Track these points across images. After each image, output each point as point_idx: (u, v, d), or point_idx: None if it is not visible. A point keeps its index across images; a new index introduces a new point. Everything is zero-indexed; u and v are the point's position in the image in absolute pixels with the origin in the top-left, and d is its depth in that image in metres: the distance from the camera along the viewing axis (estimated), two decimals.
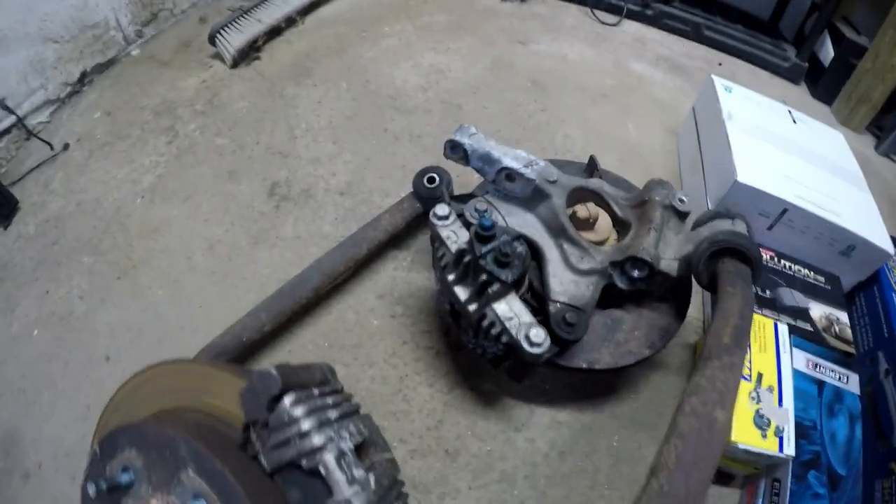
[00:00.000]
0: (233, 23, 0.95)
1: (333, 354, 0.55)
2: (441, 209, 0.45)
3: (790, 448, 0.48)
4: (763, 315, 0.57)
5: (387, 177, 0.71)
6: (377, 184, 0.70)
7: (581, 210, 0.47)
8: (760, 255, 0.45)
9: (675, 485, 0.25)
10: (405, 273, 0.61)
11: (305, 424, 0.29)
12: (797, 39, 1.22)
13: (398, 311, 0.57)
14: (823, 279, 0.66)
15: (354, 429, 0.32)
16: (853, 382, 0.56)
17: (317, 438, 0.28)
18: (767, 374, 0.51)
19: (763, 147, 0.70)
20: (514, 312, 0.40)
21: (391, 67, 0.89)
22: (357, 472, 0.29)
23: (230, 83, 0.88)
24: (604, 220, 0.49)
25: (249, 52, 0.93)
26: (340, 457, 0.29)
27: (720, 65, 1.09)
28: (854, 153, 0.88)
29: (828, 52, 1.13)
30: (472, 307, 0.41)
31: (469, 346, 0.46)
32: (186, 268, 0.62)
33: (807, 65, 1.13)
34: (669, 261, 0.46)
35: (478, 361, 0.53)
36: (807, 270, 0.66)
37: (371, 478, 0.30)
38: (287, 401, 0.29)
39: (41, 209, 0.72)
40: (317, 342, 0.55)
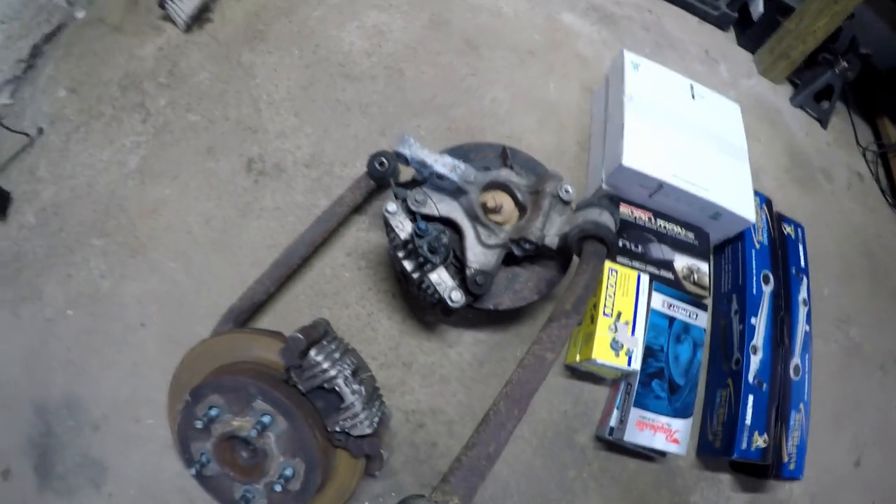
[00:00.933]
0: None
1: (319, 301, 0.81)
2: (391, 206, 0.69)
3: (636, 364, 0.79)
4: (633, 267, 0.86)
5: (343, 148, 0.92)
6: (336, 155, 0.91)
7: (489, 200, 0.73)
8: (615, 239, 0.72)
9: (514, 391, 0.53)
10: (366, 234, 0.86)
11: (325, 364, 0.56)
12: None
13: (363, 265, 0.84)
14: (693, 235, 0.94)
15: (349, 361, 0.60)
16: (702, 318, 0.87)
17: (331, 371, 0.56)
18: (626, 313, 0.81)
19: (655, 127, 0.92)
20: (442, 279, 0.67)
21: (338, 29, 1.05)
22: (355, 387, 0.57)
23: (187, 51, 1.02)
24: (507, 205, 0.74)
25: (201, 15, 1.06)
26: (345, 380, 0.57)
27: (649, 11, 1.28)
28: (768, 104, 1.13)
29: (758, 7, 1.33)
30: (416, 275, 0.68)
31: (414, 294, 0.74)
32: (190, 242, 0.84)
33: (736, 14, 1.34)
34: (552, 237, 0.73)
35: (421, 303, 0.81)
36: (679, 228, 0.93)
37: (363, 388, 0.59)
38: (312, 352, 0.56)
39: (35, 198, 0.86)
40: (306, 293, 0.81)
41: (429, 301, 0.71)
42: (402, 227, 0.68)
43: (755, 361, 0.87)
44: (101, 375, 0.76)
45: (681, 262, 0.91)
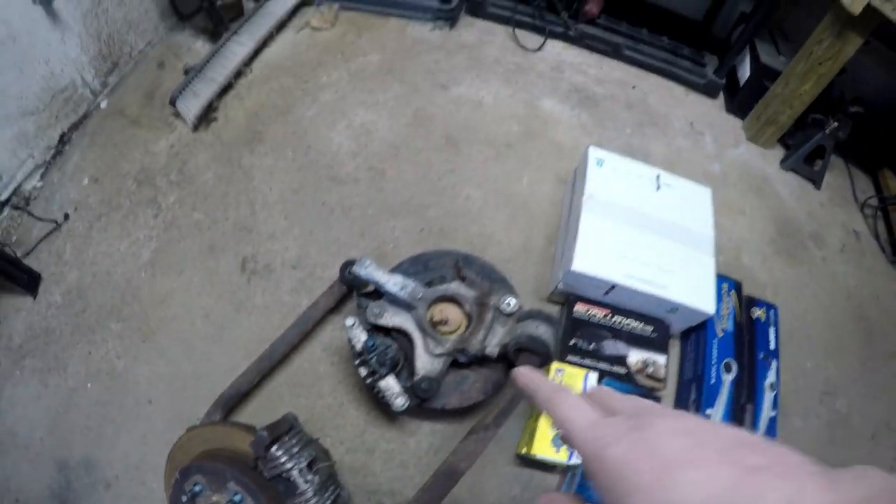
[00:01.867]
0: (188, 86, 1.40)
1: (297, 391, 1.10)
2: (349, 320, 0.97)
3: (578, 459, 1.02)
4: (583, 365, 1.08)
5: (325, 250, 1.21)
6: (319, 258, 1.20)
7: (437, 314, 1.00)
8: (548, 352, 0.96)
9: (422, 498, 0.79)
10: (339, 332, 1.14)
11: (283, 458, 0.84)
12: (723, 48, 1.60)
13: (336, 360, 1.12)
14: (651, 328, 1.14)
15: (307, 454, 0.88)
16: None
17: (288, 464, 0.84)
18: None
19: (612, 226, 1.12)
20: (390, 386, 0.95)
21: (328, 129, 1.36)
22: (309, 477, 0.85)
23: (195, 149, 1.35)
24: (454, 317, 1.01)
25: (207, 115, 1.39)
26: (300, 471, 0.85)
27: (634, 87, 1.53)
28: (756, 172, 1.29)
29: (746, 71, 1.54)
30: (368, 381, 0.96)
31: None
32: (193, 332, 1.15)
33: (723, 81, 1.55)
34: (493, 347, 0.98)
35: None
36: (636, 322, 1.14)
37: (317, 478, 0.86)
38: (274, 448, 0.85)
39: (61, 280, 1.20)
40: (287, 383, 1.10)
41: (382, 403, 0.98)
42: (358, 339, 0.97)
43: None
44: (115, 441, 1.06)
45: (636, 356, 1.14)
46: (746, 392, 1.14)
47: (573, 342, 1.11)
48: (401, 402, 0.93)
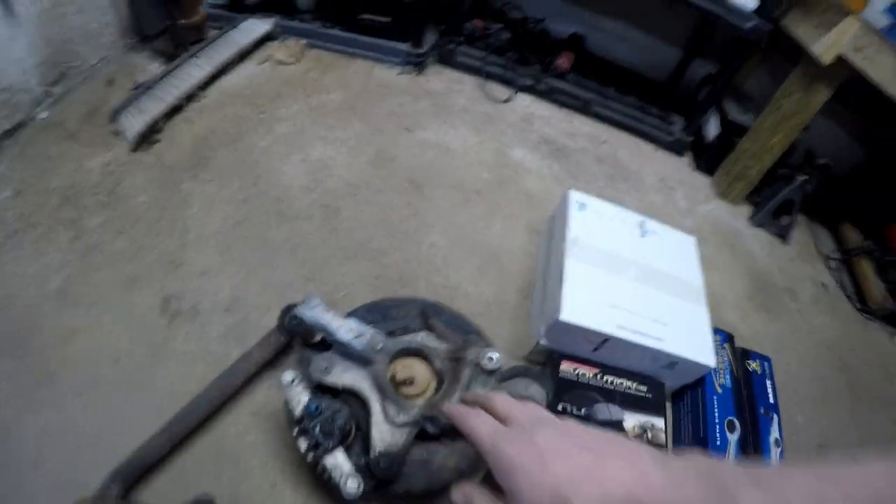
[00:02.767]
0: (134, 102, 1.11)
1: (220, 464, 0.78)
2: (287, 376, 0.68)
3: None
4: None
5: (264, 294, 0.93)
6: (256, 301, 0.92)
7: (400, 372, 0.72)
8: None
9: None
10: (276, 392, 0.84)
11: None
12: (688, 108, 1.48)
13: (269, 427, 0.81)
14: (646, 388, 0.91)
15: None
16: None
17: None
18: None
19: (599, 273, 0.92)
20: (338, 464, 0.65)
21: (281, 161, 1.09)
22: None
23: (132, 170, 1.06)
24: (421, 376, 0.73)
25: (150, 135, 1.11)
26: None
27: (604, 142, 1.34)
28: (727, 228, 1.12)
29: (712, 129, 1.40)
30: (310, 456, 0.66)
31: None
32: (97, 379, 0.81)
33: (691, 139, 1.41)
34: None
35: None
36: (630, 382, 0.91)
37: None
38: None
39: None
40: (208, 452, 0.78)
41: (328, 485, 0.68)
42: (299, 402, 0.67)
43: None
44: None
45: (632, 421, 0.88)
46: (753, 450, 0.92)
47: (561, 407, 0.86)
48: (353, 486, 0.64)
